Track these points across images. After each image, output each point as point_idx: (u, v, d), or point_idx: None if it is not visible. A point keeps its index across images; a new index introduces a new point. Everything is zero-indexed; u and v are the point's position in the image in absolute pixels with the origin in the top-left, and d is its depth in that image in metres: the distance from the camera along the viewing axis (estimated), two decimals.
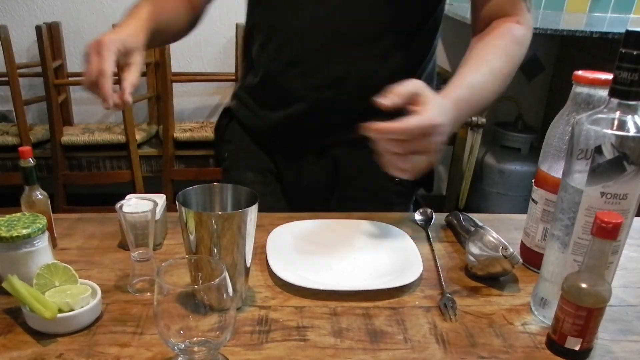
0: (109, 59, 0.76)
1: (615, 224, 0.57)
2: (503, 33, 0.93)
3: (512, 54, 0.92)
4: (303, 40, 0.98)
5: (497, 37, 0.93)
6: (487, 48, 0.91)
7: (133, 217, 0.70)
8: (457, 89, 0.83)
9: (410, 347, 0.66)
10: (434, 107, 0.73)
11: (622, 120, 0.60)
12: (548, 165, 0.78)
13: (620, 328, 0.71)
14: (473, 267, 0.79)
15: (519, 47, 0.94)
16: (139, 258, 0.73)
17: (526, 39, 0.96)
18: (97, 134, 2.53)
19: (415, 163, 0.74)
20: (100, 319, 0.68)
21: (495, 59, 0.89)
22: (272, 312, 0.71)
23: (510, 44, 0.92)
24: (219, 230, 0.64)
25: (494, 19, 0.95)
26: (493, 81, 0.88)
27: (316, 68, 0.99)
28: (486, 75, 0.87)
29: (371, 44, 0.97)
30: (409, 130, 0.70)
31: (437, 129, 0.72)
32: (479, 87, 0.86)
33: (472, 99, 0.84)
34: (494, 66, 0.88)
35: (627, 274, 0.84)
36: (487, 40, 0.92)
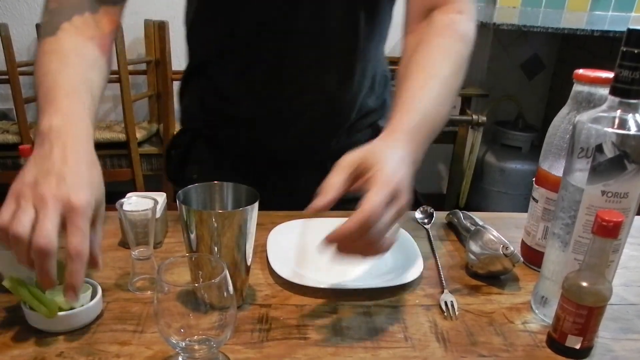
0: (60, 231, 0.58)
1: (616, 223, 0.57)
2: (445, 29, 0.81)
3: (460, 55, 0.80)
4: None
5: (440, 35, 0.80)
6: (432, 53, 0.78)
7: (133, 215, 0.70)
8: (407, 117, 0.70)
9: (410, 345, 0.66)
10: (382, 173, 0.60)
11: (623, 118, 0.60)
12: (549, 164, 0.78)
13: (621, 327, 0.71)
14: (474, 266, 0.79)
15: (466, 45, 0.82)
16: (139, 256, 0.73)
17: (471, 32, 0.84)
18: (97, 132, 2.52)
19: (389, 237, 0.62)
20: (101, 317, 0.68)
21: (443, 66, 0.77)
22: (273, 311, 0.71)
23: (456, 44, 0.81)
24: (219, 228, 0.64)
25: (432, 9, 0.84)
26: (446, 95, 0.76)
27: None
28: (437, 89, 0.75)
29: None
30: (360, 227, 0.57)
31: (396, 196, 0.60)
32: (432, 108, 0.73)
33: (427, 125, 0.72)
34: (444, 75, 0.76)
35: (627, 272, 0.84)
36: (429, 41, 0.80)
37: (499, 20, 2.34)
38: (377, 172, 0.60)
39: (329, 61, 0.93)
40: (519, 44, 2.96)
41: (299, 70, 0.93)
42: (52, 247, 0.55)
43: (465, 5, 0.84)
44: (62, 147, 0.61)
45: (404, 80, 0.76)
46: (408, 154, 0.65)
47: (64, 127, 0.62)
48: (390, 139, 0.67)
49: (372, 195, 0.58)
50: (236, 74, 0.96)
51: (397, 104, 0.72)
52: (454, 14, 0.82)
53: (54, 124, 0.62)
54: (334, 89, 0.96)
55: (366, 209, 0.57)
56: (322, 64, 0.93)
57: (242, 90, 0.97)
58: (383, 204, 0.58)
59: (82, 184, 0.60)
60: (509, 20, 2.43)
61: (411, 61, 0.78)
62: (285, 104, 0.96)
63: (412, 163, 0.66)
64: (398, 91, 0.75)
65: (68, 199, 0.57)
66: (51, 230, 0.55)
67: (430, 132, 0.72)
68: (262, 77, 0.94)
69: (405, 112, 0.70)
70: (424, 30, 0.82)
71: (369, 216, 0.57)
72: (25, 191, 0.58)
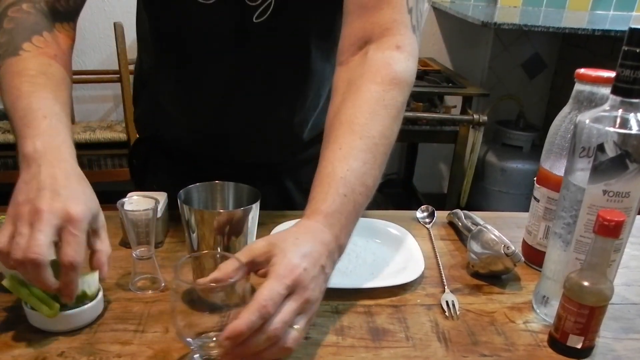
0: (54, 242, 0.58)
1: (617, 222, 0.57)
2: (379, 72, 0.71)
3: (393, 104, 0.70)
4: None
5: (373, 81, 0.70)
6: (361, 107, 0.69)
7: (135, 215, 0.70)
8: (328, 198, 0.63)
9: (412, 345, 0.66)
10: (281, 266, 0.56)
11: (625, 118, 0.59)
12: (550, 164, 0.78)
13: (622, 326, 0.71)
14: (475, 265, 0.79)
15: (401, 90, 0.72)
16: (140, 256, 0.73)
17: (409, 73, 0.73)
18: (98, 132, 2.53)
19: (292, 335, 0.56)
20: (102, 317, 0.68)
21: (373, 125, 0.68)
22: None
23: (390, 91, 0.70)
24: (220, 228, 0.64)
25: (367, 41, 0.74)
26: (374, 161, 0.67)
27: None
28: (363, 156, 0.66)
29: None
30: (255, 318, 0.52)
31: (295, 291, 0.55)
32: (358, 182, 0.65)
33: (350, 204, 0.64)
34: (372, 136, 0.67)
35: (629, 272, 0.84)
36: (359, 89, 0.70)
37: (500, 19, 2.34)
38: (275, 265, 0.56)
39: (280, 88, 0.91)
40: (520, 44, 2.96)
41: (250, 98, 0.91)
42: (43, 260, 0.56)
43: (404, 38, 0.73)
44: (50, 165, 0.61)
45: (331, 140, 0.68)
46: (322, 245, 0.60)
47: (49, 148, 0.63)
48: (306, 225, 0.62)
49: (266, 285, 0.54)
50: (184, 95, 0.95)
51: (321, 174, 0.66)
52: (390, 50, 0.72)
53: (37, 147, 0.62)
54: (285, 114, 0.94)
55: (258, 299, 0.52)
56: (274, 91, 0.91)
57: (190, 110, 0.96)
58: (277, 296, 0.53)
59: (77, 196, 0.60)
60: (510, 19, 2.43)
61: (339, 114, 0.69)
62: (236, 128, 0.95)
63: (329, 252, 0.60)
64: (324, 151, 0.68)
65: (65, 210, 0.58)
66: (42, 243, 0.56)
67: (356, 211, 0.65)
68: (212, 102, 0.93)
69: (325, 195, 0.63)
70: (357, 68, 0.73)
71: (263, 306, 0.52)
72: (21, 211, 0.58)
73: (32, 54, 0.73)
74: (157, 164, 1.07)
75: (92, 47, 2.85)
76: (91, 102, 2.88)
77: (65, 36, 0.80)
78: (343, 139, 0.67)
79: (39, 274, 0.57)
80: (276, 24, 0.83)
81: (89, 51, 2.86)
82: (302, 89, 0.93)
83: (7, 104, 0.69)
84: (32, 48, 0.73)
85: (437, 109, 2.46)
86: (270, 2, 0.81)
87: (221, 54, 0.87)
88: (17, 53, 0.72)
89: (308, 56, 0.89)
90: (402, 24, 0.74)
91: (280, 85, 0.91)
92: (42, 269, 0.56)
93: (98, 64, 2.89)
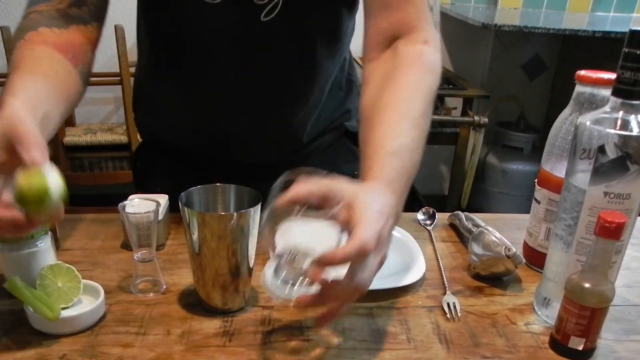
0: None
1: (618, 224, 0.57)
2: (414, 63, 0.75)
3: (430, 90, 0.75)
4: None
5: (409, 70, 0.75)
6: (403, 91, 0.73)
7: (136, 217, 0.70)
8: (386, 168, 0.65)
9: (413, 347, 0.66)
10: (370, 214, 0.56)
11: (625, 119, 0.60)
12: (551, 165, 0.78)
13: (624, 328, 0.71)
14: (476, 267, 0.79)
15: (434, 76, 0.77)
16: (141, 258, 0.73)
17: (438, 63, 0.78)
18: (99, 134, 2.53)
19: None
20: (103, 320, 0.68)
21: (415, 106, 0.72)
22: (275, 312, 0.71)
23: (425, 77, 0.75)
24: (221, 230, 0.64)
25: (396, 37, 0.78)
26: (419, 139, 0.70)
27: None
28: (411, 134, 0.69)
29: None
30: (356, 253, 0.53)
31: (380, 242, 0.56)
32: (408, 157, 0.67)
33: (405, 176, 0.66)
34: (415, 117, 0.71)
35: (630, 273, 0.84)
36: (397, 77, 0.74)
37: (501, 21, 2.34)
38: (363, 211, 0.56)
39: (285, 86, 0.91)
40: (521, 45, 2.96)
41: (253, 97, 0.91)
42: None
43: (430, 34, 0.78)
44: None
45: (375, 123, 0.70)
46: (391, 206, 0.60)
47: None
48: (373, 186, 0.62)
49: (365, 225, 0.54)
50: (185, 96, 0.94)
51: (371, 150, 0.67)
52: (419, 45, 0.77)
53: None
54: (290, 112, 0.94)
55: (361, 236, 0.53)
56: (278, 90, 0.91)
57: (191, 111, 0.95)
58: (374, 241, 0.54)
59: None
60: (511, 21, 2.43)
61: (380, 101, 0.72)
62: (238, 128, 0.94)
63: (394, 216, 0.61)
64: (370, 134, 0.70)
65: None
66: None
67: (407, 183, 0.67)
68: (213, 102, 0.92)
69: (382, 164, 0.65)
70: (389, 61, 0.77)
71: (365, 243, 0.52)
72: None
73: (43, 44, 0.75)
74: (159, 166, 1.07)
75: None
76: (92, 105, 2.88)
77: (82, 37, 0.80)
78: (390, 120, 0.70)
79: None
80: (283, 23, 0.83)
81: None
82: (307, 86, 0.93)
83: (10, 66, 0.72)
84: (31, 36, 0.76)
85: (437, 111, 2.46)
86: (277, 1, 0.81)
87: (225, 54, 0.87)
88: (35, 28, 0.77)
89: (313, 54, 0.89)
90: (425, 21, 0.78)
91: (285, 83, 0.91)
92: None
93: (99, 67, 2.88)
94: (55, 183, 0.59)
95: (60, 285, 0.67)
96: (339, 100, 1.03)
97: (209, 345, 0.64)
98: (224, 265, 0.67)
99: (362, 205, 0.56)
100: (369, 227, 0.54)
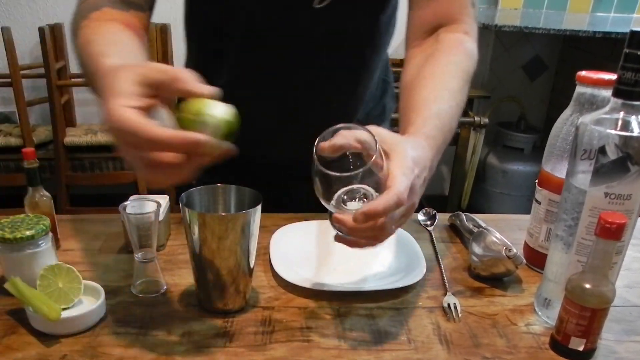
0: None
1: (619, 225, 0.57)
2: (454, 47, 0.81)
3: (467, 71, 0.80)
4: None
5: (450, 52, 0.80)
6: (443, 67, 0.78)
7: (137, 218, 0.70)
8: (426, 124, 0.69)
9: (413, 347, 0.66)
10: (407, 160, 0.60)
11: (626, 120, 0.59)
12: (552, 166, 0.78)
13: (624, 328, 0.71)
14: (476, 268, 0.79)
15: (472, 61, 0.82)
16: (142, 259, 0.73)
17: (475, 53, 0.84)
18: (99, 134, 2.53)
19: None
20: (104, 320, 0.68)
21: (453, 81, 0.77)
22: (276, 313, 0.71)
23: (464, 60, 0.81)
24: (222, 231, 0.64)
25: (439, 27, 0.84)
26: (456, 107, 0.75)
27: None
28: (448, 102, 0.74)
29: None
30: (394, 204, 0.56)
31: (413, 190, 0.60)
32: (446, 120, 0.72)
33: (442, 136, 0.71)
34: (453, 89, 0.76)
35: (630, 274, 0.84)
36: (439, 57, 0.79)
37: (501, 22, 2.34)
38: (400, 159, 0.59)
39: (334, 77, 0.92)
40: (521, 46, 2.96)
41: (302, 90, 0.91)
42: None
43: (470, 27, 0.84)
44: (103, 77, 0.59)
45: (416, 89, 0.75)
46: (427, 159, 0.64)
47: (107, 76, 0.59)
48: (412, 138, 0.66)
49: (399, 175, 0.58)
50: (230, 90, 0.94)
51: (412, 110, 0.72)
52: (460, 34, 0.83)
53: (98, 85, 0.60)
54: (336, 105, 0.95)
55: (397, 186, 0.56)
56: (328, 81, 0.92)
57: (236, 105, 0.95)
58: (407, 189, 0.58)
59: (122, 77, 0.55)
60: (511, 21, 2.43)
61: (422, 73, 0.77)
62: (286, 118, 0.95)
63: (429, 167, 0.65)
64: (411, 98, 0.74)
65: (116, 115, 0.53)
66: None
67: (443, 145, 0.71)
68: (260, 94, 0.92)
69: (423, 120, 0.69)
70: (431, 46, 0.82)
71: (401, 193, 0.56)
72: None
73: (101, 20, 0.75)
74: None
75: None
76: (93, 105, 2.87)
77: (139, 22, 0.80)
78: (430, 88, 0.74)
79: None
80: (334, 11, 0.83)
81: None
82: (355, 77, 0.94)
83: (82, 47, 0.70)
84: (101, 15, 0.75)
85: None
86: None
87: (272, 40, 0.87)
88: (98, 8, 0.75)
89: (362, 44, 0.90)
90: (467, 15, 0.84)
91: (335, 73, 0.91)
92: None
93: None
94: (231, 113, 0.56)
95: (61, 285, 0.67)
96: (375, 100, 1.03)
97: (209, 346, 0.64)
98: (225, 266, 0.67)
99: (400, 153, 0.60)
100: (404, 177, 0.58)
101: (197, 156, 0.54)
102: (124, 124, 0.52)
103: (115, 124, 0.53)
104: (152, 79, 0.55)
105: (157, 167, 0.54)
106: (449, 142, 0.73)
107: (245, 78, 0.91)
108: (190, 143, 0.52)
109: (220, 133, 0.55)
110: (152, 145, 0.52)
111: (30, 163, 0.79)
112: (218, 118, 0.55)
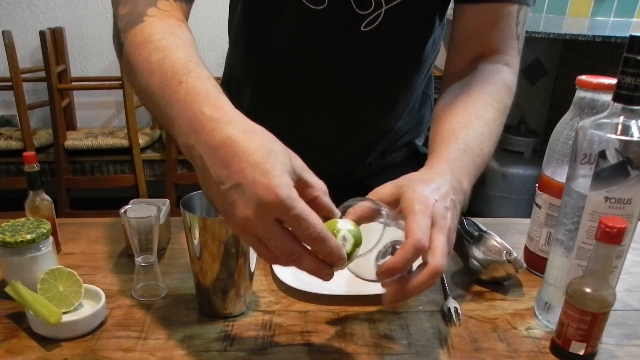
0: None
1: (619, 229, 0.57)
2: (492, 76, 0.78)
3: (503, 102, 0.77)
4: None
5: (486, 81, 0.77)
6: (477, 96, 0.75)
7: (137, 221, 0.70)
8: (448, 150, 0.67)
9: (414, 351, 0.65)
10: (414, 203, 0.57)
11: (626, 125, 0.60)
12: (552, 170, 0.78)
13: (625, 332, 0.71)
14: (477, 272, 0.79)
15: (510, 94, 0.79)
16: (143, 263, 0.73)
17: (514, 85, 0.81)
18: (100, 138, 2.54)
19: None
20: (104, 324, 0.68)
21: (487, 109, 0.74)
22: (276, 317, 0.71)
23: (501, 91, 0.77)
24: (222, 235, 0.64)
25: (480, 56, 0.82)
26: (489, 134, 0.72)
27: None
28: (480, 128, 0.71)
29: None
30: (413, 255, 0.54)
31: (436, 221, 0.57)
32: (475, 145, 0.69)
33: (469, 159, 0.67)
34: (486, 118, 0.73)
35: (631, 278, 0.84)
36: (474, 85, 0.77)
37: None
38: (407, 200, 0.57)
39: (374, 97, 0.92)
40: None
41: (341, 107, 0.91)
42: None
43: (512, 59, 0.82)
44: (205, 134, 0.53)
45: (447, 117, 0.73)
46: (447, 182, 0.61)
47: (192, 115, 0.54)
48: (428, 170, 0.64)
49: (412, 221, 0.55)
50: (271, 103, 0.94)
51: (439, 139, 0.70)
52: (500, 64, 0.81)
53: (181, 123, 0.55)
54: (374, 121, 0.95)
55: (412, 235, 0.54)
56: (367, 100, 0.92)
57: (276, 118, 0.94)
58: (427, 228, 0.55)
59: (270, 161, 0.50)
60: None
61: (454, 102, 0.75)
62: (319, 137, 0.94)
63: (454, 189, 0.61)
64: (440, 126, 0.72)
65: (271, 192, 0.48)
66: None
67: (475, 167, 0.67)
68: (299, 105, 0.92)
69: (446, 146, 0.67)
70: (468, 74, 0.80)
71: (418, 241, 0.53)
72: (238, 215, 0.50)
73: (157, 17, 0.67)
74: None
75: (94, 53, 2.86)
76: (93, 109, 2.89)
77: (182, 13, 0.74)
78: (461, 117, 0.72)
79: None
80: (381, 34, 0.83)
81: (91, 58, 2.87)
82: (394, 98, 0.94)
83: (142, 84, 0.61)
84: (158, 12, 0.68)
85: None
86: (380, 12, 0.81)
87: (318, 60, 0.87)
88: (141, 20, 0.66)
89: (405, 66, 0.90)
90: (510, 47, 0.82)
91: (374, 94, 0.91)
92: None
93: (100, 71, 2.90)
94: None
95: (62, 289, 0.68)
96: (414, 113, 1.03)
97: (209, 350, 0.64)
98: (225, 270, 0.67)
99: (407, 200, 0.57)
100: (416, 225, 0.55)
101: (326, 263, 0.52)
102: (292, 203, 0.48)
103: (278, 199, 0.48)
104: (303, 179, 0.53)
105: (289, 257, 0.51)
106: (482, 165, 0.69)
107: (288, 89, 0.91)
108: (337, 254, 0.51)
109: (351, 249, 0.54)
110: (308, 238, 0.50)
111: (31, 167, 0.79)
112: (355, 235, 0.54)
